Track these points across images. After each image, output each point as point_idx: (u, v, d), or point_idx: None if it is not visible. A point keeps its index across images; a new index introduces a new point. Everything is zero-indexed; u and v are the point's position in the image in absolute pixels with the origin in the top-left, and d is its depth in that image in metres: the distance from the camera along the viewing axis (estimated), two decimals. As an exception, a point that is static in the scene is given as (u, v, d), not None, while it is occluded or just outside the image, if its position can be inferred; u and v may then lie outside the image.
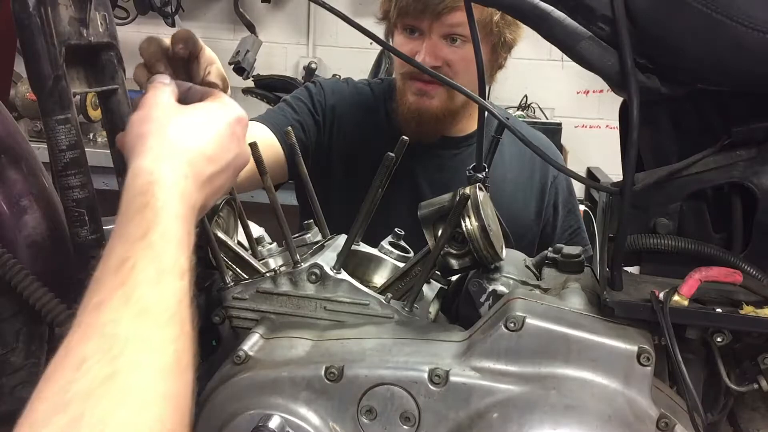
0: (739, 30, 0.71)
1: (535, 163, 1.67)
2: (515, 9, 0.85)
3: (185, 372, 0.56)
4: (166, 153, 0.68)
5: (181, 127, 0.71)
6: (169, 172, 0.66)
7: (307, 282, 0.89)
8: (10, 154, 0.96)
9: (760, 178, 0.80)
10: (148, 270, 0.58)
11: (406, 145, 0.91)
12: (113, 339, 0.53)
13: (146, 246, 0.59)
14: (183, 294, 0.60)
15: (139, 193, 0.63)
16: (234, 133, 0.75)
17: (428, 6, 1.46)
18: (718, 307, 0.77)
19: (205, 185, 0.70)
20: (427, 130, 1.58)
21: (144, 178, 0.65)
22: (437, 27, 1.48)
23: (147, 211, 0.62)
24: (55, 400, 0.49)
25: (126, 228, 0.61)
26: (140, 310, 0.55)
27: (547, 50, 3.28)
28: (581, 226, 1.74)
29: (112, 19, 1.00)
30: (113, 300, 0.55)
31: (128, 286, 0.56)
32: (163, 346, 0.55)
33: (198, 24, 3.62)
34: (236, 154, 0.76)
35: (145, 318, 0.55)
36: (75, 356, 0.52)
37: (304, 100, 1.65)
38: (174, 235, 0.62)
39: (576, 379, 0.76)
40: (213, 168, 0.71)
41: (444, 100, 1.54)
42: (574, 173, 0.93)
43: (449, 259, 0.89)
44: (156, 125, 0.71)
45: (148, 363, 0.53)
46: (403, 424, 0.79)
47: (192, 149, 0.70)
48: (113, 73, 1.00)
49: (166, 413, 0.52)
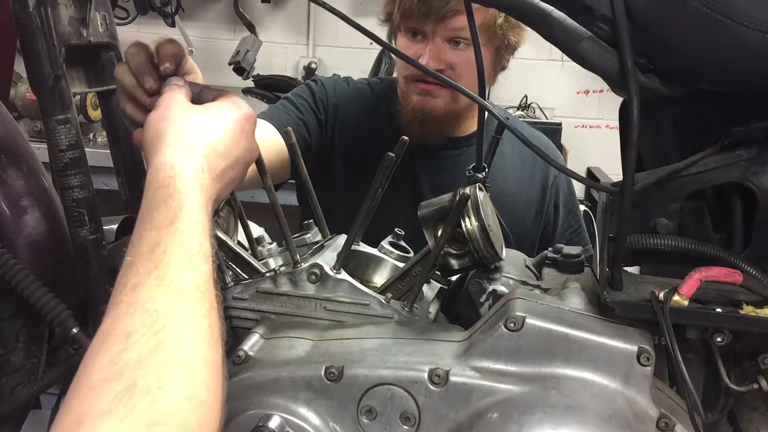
0: (739, 30, 0.71)
1: (536, 164, 1.67)
2: (515, 9, 0.85)
3: (218, 342, 0.62)
4: (183, 148, 0.73)
5: (196, 125, 0.77)
6: (188, 166, 0.71)
7: (307, 282, 0.89)
8: (10, 154, 0.96)
9: (760, 178, 0.80)
10: (177, 253, 0.63)
11: (406, 145, 0.91)
12: (154, 314, 0.58)
13: (174, 232, 0.65)
14: (209, 274, 0.65)
15: (162, 186, 0.69)
16: (244, 130, 0.81)
17: (432, 9, 1.46)
18: (718, 307, 0.77)
19: (219, 178, 0.75)
20: (431, 131, 1.57)
21: (166, 171, 0.70)
22: (441, 30, 1.49)
23: (171, 201, 0.67)
24: (108, 369, 0.53)
25: (153, 217, 0.66)
26: (175, 289, 0.61)
27: (547, 50, 3.28)
28: (581, 226, 1.74)
29: (112, 19, 1.00)
30: (149, 281, 0.61)
31: (161, 268, 0.62)
32: (198, 319, 0.61)
33: (198, 24, 3.61)
34: (246, 149, 0.81)
35: (180, 296, 0.61)
36: (120, 331, 0.57)
37: (307, 98, 1.64)
38: (198, 221, 0.68)
39: (576, 379, 0.76)
40: (225, 162, 0.77)
41: (448, 102, 1.54)
42: (574, 173, 0.93)
43: (449, 259, 0.89)
44: (173, 123, 0.76)
45: (187, 334, 0.59)
46: (403, 424, 0.79)
47: (206, 145, 0.75)
48: (113, 73, 1.00)
49: (210, 377, 0.58)
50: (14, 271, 0.89)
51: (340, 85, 1.70)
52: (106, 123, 1.06)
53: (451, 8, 1.45)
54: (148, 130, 0.77)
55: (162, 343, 0.56)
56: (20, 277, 0.89)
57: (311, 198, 1.05)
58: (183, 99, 0.81)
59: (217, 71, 3.26)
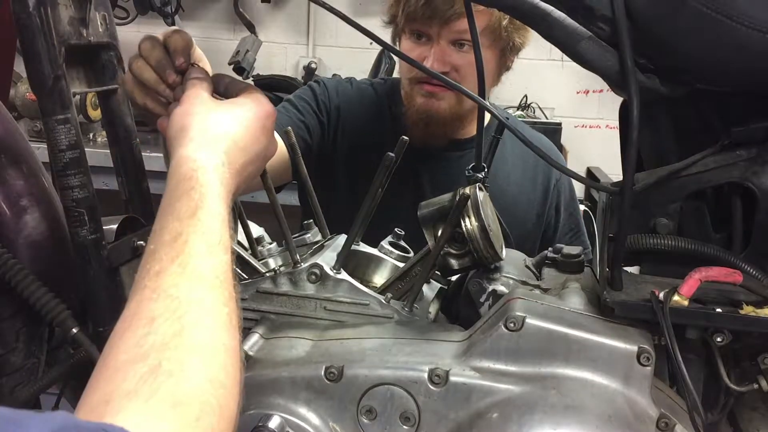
0: (739, 30, 0.71)
1: (538, 166, 1.67)
2: (515, 9, 0.85)
3: (236, 329, 0.64)
4: (206, 143, 0.76)
5: (218, 121, 0.79)
6: (209, 160, 0.74)
7: (307, 282, 0.89)
8: (10, 154, 0.96)
9: (760, 178, 0.80)
10: (199, 244, 0.66)
11: (406, 145, 0.91)
12: (177, 301, 0.60)
13: (196, 223, 0.67)
14: (228, 264, 0.67)
15: (184, 178, 0.71)
16: (264, 127, 0.83)
17: (437, 12, 1.47)
18: (718, 307, 0.77)
19: (239, 173, 0.78)
20: (435, 133, 1.57)
21: (188, 165, 0.73)
22: (445, 33, 1.49)
23: (193, 193, 0.69)
24: (133, 352, 0.55)
25: (175, 208, 0.69)
26: (196, 277, 0.63)
27: (547, 50, 3.28)
28: (581, 229, 1.74)
29: (112, 19, 1.00)
30: (172, 268, 0.63)
31: (183, 257, 0.64)
32: (218, 307, 0.63)
33: (198, 24, 3.61)
34: (265, 145, 0.83)
35: (201, 283, 0.63)
36: (144, 315, 0.59)
37: (308, 100, 1.64)
38: (219, 213, 0.70)
39: (576, 379, 0.76)
40: (245, 158, 0.79)
41: (453, 104, 1.54)
42: (574, 173, 0.93)
43: (449, 259, 0.89)
44: (197, 119, 0.79)
45: (208, 320, 0.61)
46: (403, 424, 0.79)
47: (228, 141, 0.77)
48: (113, 73, 1.00)
49: (229, 361, 0.60)
50: (14, 271, 0.89)
51: (342, 86, 1.70)
52: (106, 123, 1.06)
53: (456, 11, 1.45)
54: (172, 125, 0.79)
55: (185, 328, 0.58)
56: (20, 277, 0.89)
57: (311, 198, 1.05)
58: (206, 95, 0.83)
59: (217, 71, 3.25)
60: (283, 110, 1.62)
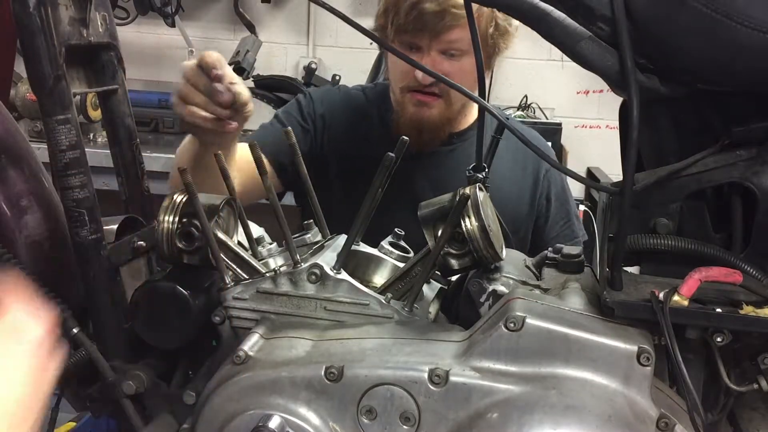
0: (739, 30, 0.71)
1: (528, 157, 1.72)
2: (515, 9, 0.85)
3: None
4: None
5: None
6: None
7: (307, 282, 0.89)
8: (10, 154, 0.96)
9: (760, 178, 0.80)
10: None
11: (406, 145, 0.91)
12: None
13: None
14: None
15: None
16: (37, 369, 0.65)
17: (427, 25, 1.50)
18: (718, 307, 0.77)
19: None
20: (428, 139, 1.63)
21: None
22: (436, 44, 1.53)
23: None
24: None
25: None
26: None
27: (547, 50, 3.28)
28: (572, 219, 1.78)
29: (112, 19, 1.00)
30: None
31: None
32: None
33: (198, 24, 3.61)
34: (44, 391, 0.66)
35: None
36: None
37: (294, 113, 1.71)
38: None
39: (576, 379, 0.76)
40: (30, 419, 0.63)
41: (443, 110, 1.60)
42: (574, 173, 0.93)
43: (449, 259, 0.89)
44: None
45: None
46: (403, 424, 0.79)
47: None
48: (113, 73, 1.00)
49: None
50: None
51: (329, 95, 1.77)
52: (106, 123, 1.06)
53: (446, 24, 1.50)
54: None
55: None
56: (20, 277, 0.89)
57: (311, 198, 1.05)
58: None
59: (217, 71, 3.25)
60: (270, 126, 1.70)
